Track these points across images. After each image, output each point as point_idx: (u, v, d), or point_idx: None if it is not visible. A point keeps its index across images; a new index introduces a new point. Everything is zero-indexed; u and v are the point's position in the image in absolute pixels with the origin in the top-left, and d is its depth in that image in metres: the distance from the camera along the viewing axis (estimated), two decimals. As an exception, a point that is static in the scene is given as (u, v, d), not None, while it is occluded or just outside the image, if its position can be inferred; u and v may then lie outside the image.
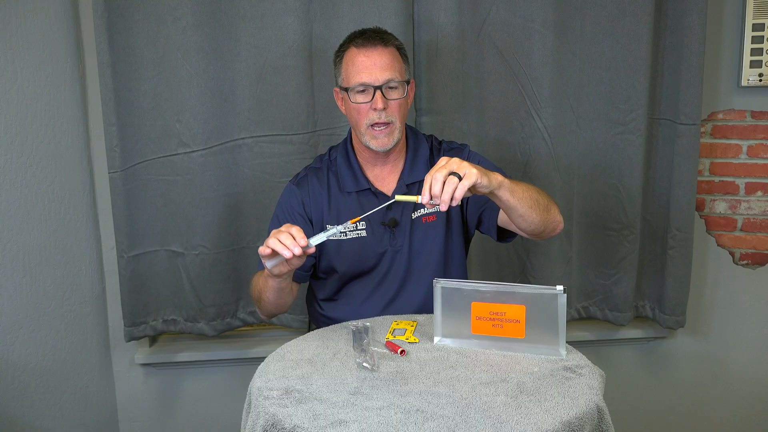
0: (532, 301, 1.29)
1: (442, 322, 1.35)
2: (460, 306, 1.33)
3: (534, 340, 1.29)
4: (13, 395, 1.79)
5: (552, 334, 1.28)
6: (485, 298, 1.31)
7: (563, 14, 2.01)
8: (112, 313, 2.14)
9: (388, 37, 1.56)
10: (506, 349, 1.31)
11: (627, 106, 2.07)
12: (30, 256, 1.84)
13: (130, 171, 1.97)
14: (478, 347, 1.32)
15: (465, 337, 1.33)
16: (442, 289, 1.34)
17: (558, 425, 1.02)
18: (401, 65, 1.56)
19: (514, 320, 1.29)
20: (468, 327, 1.32)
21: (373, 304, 1.62)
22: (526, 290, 1.30)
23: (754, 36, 2.15)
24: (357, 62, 1.52)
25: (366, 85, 1.51)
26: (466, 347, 1.33)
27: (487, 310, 1.31)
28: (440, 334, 1.35)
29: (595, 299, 2.23)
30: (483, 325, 1.31)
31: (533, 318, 1.29)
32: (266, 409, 1.10)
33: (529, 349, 1.29)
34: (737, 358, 2.37)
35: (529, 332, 1.29)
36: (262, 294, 1.54)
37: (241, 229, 2.05)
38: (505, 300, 1.30)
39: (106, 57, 1.89)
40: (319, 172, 1.65)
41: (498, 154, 2.08)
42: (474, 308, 1.32)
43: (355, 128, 1.59)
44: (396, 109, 1.53)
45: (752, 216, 2.28)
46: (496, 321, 1.30)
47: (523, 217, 1.41)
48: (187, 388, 2.24)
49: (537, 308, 1.28)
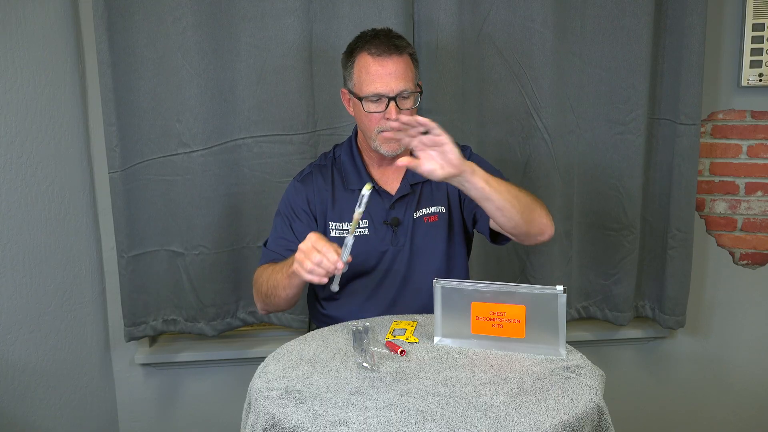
0: (532, 301, 1.29)
1: (442, 322, 1.35)
2: (460, 306, 1.33)
3: (534, 340, 1.29)
4: (13, 395, 1.79)
5: (552, 333, 1.28)
6: (485, 298, 1.31)
7: (563, 14, 2.01)
8: (112, 313, 2.13)
9: (401, 43, 1.53)
10: (506, 349, 1.30)
11: (627, 106, 2.07)
12: (30, 256, 1.84)
13: (130, 171, 1.97)
14: (478, 347, 1.32)
15: (465, 337, 1.33)
16: (442, 289, 1.34)
17: (558, 425, 1.02)
18: (414, 73, 1.55)
19: (514, 320, 1.29)
20: (468, 327, 1.32)
21: (374, 303, 1.62)
22: (526, 290, 1.30)
23: (754, 36, 2.15)
24: (371, 71, 1.51)
25: (380, 95, 1.51)
26: (466, 347, 1.33)
27: (487, 310, 1.31)
28: (440, 334, 1.35)
29: (595, 299, 2.23)
30: (483, 325, 1.32)
31: (533, 318, 1.29)
32: (266, 409, 1.09)
33: (529, 349, 1.29)
34: (737, 358, 2.37)
35: (529, 332, 1.29)
36: (277, 290, 1.52)
37: (241, 229, 2.05)
38: (505, 300, 1.30)
39: (106, 57, 1.89)
40: (323, 169, 1.66)
41: (498, 154, 2.08)
42: (474, 308, 1.32)
43: (364, 132, 1.59)
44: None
45: (752, 216, 2.28)
46: (496, 321, 1.30)
47: (501, 210, 1.37)
48: (187, 388, 2.24)
49: (537, 308, 1.28)
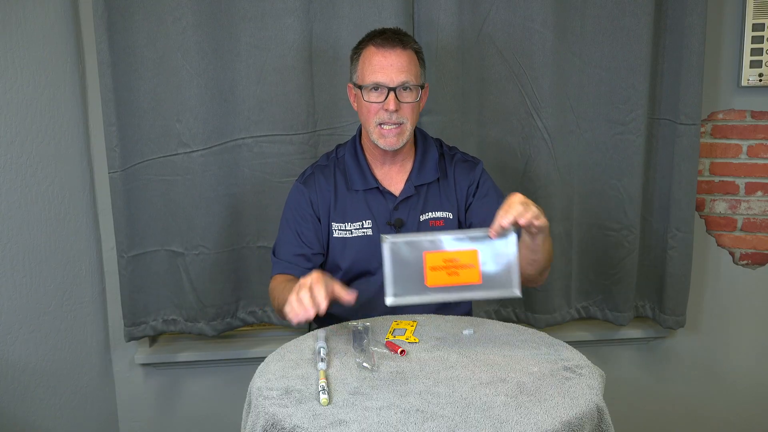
0: (484, 243, 1.29)
1: (393, 281, 1.29)
2: (411, 260, 1.29)
3: (490, 283, 1.29)
4: (13, 395, 1.79)
5: (506, 275, 1.28)
6: (437, 247, 1.29)
7: (563, 14, 2.01)
8: (112, 313, 2.13)
9: (407, 39, 1.56)
10: (464, 296, 1.31)
11: (627, 106, 2.07)
12: (30, 256, 1.84)
13: (130, 171, 1.97)
14: (434, 299, 1.30)
15: (420, 291, 1.29)
16: (392, 245, 1.29)
17: (558, 425, 1.02)
18: (417, 69, 1.56)
19: (468, 265, 1.28)
20: (422, 281, 1.29)
21: (376, 304, 1.62)
22: (476, 233, 1.30)
23: (754, 36, 2.14)
24: (374, 61, 1.53)
25: (380, 85, 1.52)
26: (423, 301, 1.30)
27: (440, 259, 1.29)
28: (392, 293, 1.30)
29: (595, 299, 2.23)
30: (438, 275, 1.29)
31: (487, 261, 1.29)
32: (266, 409, 1.09)
33: (486, 293, 1.29)
34: (737, 358, 2.37)
35: (485, 276, 1.29)
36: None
37: (241, 229, 2.05)
38: (458, 247, 1.29)
39: (106, 57, 1.89)
40: (326, 169, 1.66)
41: (498, 154, 2.08)
42: (427, 258, 1.29)
43: (364, 124, 1.60)
44: (408, 112, 1.54)
45: (752, 216, 2.28)
46: (451, 268, 1.29)
47: (533, 262, 1.44)
48: (187, 388, 2.24)
49: (489, 251, 1.29)
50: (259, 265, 2.06)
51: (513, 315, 2.21)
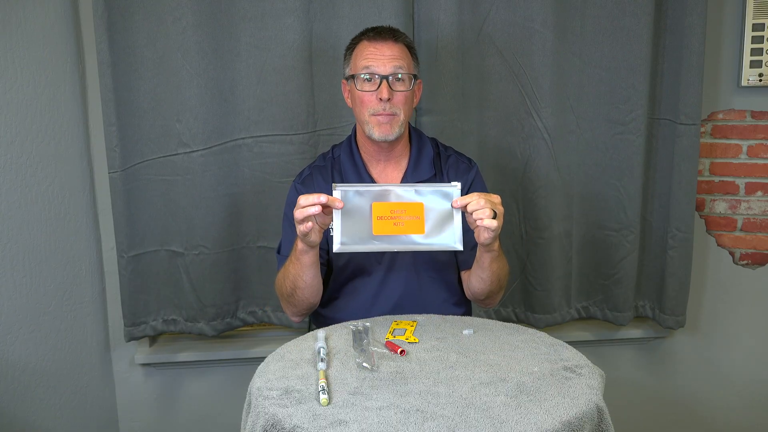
0: (430, 197, 1.35)
1: (342, 227, 1.36)
2: (360, 208, 1.36)
3: (433, 236, 1.35)
4: (13, 395, 1.79)
5: (449, 229, 1.34)
6: (385, 198, 1.36)
7: (563, 14, 2.01)
8: (112, 313, 2.14)
9: (399, 34, 1.58)
10: (407, 247, 1.36)
11: (627, 106, 2.07)
12: (30, 256, 1.84)
13: (130, 171, 1.97)
14: (380, 248, 1.37)
15: (366, 240, 1.36)
16: (342, 193, 1.36)
17: (558, 425, 1.02)
18: (410, 60, 1.58)
19: (414, 217, 1.34)
20: (369, 229, 1.35)
21: (375, 304, 1.62)
22: (423, 187, 1.37)
23: (754, 36, 2.15)
24: (366, 52, 1.55)
25: (373, 73, 1.52)
26: (369, 249, 1.37)
27: (387, 209, 1.35)
28: (340, 241, 1.36)
29: (595, 299, 2.23)
30: (384, 225, 1.35)
31: (431, 214, 1.35)
32: (266, 409, 1.10)
33: (429, 245, 1.35)
34: (737, 358, 2.37)
35: (428, 228, 1.35)
36: (297, 280, 1.51)
37: (241, 229, 2.05)
38: (405, 198, 1.36)
39: (106, 57, 1.89)
40: (323, 170, 1.66)
41: (498, 154, 2.08)
42: (375, 208, 1.35)
43: (358, 118, 1.59)
44: (401, 102, 1.54)
45: (752, 216, 2.28)
46: (397, 219, 1.35)
47: (481, 280, 1.54)
48: (187, 388, 2.24)
49: (434, 204, 1.35)
50: (259, 265, 2.07)
51: (513, 315, 2.21)
